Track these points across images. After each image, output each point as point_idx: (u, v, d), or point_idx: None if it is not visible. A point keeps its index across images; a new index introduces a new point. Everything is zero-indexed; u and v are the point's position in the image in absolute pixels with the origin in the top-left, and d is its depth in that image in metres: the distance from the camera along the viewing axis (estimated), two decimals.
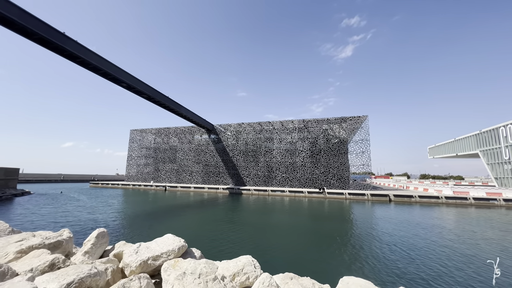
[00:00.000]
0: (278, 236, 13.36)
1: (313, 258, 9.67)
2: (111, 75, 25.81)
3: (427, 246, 11.49)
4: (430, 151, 74.19)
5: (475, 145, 51.10)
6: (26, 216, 16.91)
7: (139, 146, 57.54)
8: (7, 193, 26.91)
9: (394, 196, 32.63)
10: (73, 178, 74.48)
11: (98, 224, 14.84)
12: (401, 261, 9.29)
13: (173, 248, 4.06)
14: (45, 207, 21.31)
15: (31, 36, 18.96)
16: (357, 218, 19.58)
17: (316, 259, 9.47)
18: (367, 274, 8.00)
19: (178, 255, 4.05)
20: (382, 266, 8.73)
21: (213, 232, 13.61)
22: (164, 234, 4.84)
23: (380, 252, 10.32)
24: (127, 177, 57.31)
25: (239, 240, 11.90)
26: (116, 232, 13.03)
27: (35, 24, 18.37)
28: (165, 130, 55.69)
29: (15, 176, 30.81)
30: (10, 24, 17.49)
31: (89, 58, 22.96)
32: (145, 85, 30.61)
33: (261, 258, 4.99)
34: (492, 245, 11.99)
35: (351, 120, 41.38)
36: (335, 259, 9.52)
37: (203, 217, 19.36)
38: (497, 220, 19.30)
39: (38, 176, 64.74)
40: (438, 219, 19.39)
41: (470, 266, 8.91)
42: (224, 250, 10.20)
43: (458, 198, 30.11)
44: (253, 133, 47.77)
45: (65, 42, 20.70)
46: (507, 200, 28.39)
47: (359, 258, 9.60)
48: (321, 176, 41.52)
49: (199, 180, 50.30)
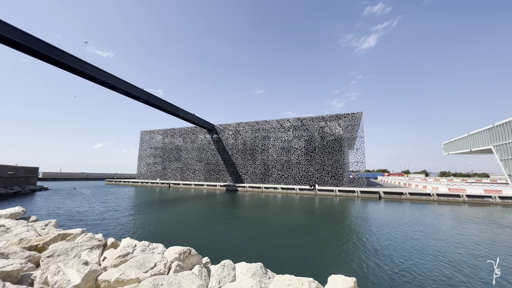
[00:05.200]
0: (257, 229, 14.47)
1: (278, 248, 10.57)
2: (107, 83, 28.70)
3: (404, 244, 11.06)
4: (445, 147, 70.05)
5: (489, 140, 47.76)
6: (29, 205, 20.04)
7: (149, 146, 61.64)
8: (26, 189, 31.17)
9: (384, 193, 32.23)
10: (94, 176, 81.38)
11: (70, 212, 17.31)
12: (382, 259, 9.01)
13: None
14: (49, 200, 24.64)
15: (33, 53, 22.10)
16: (332, 213, 20.28)
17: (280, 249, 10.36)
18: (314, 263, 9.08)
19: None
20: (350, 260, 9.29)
21: (203, 226, 15.34)
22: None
23: (353, 247, 10.64)
24: (138, 175, 61.72)
25: (225, 233, 13.28)
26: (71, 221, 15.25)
27: (35, 43, 21.42)
28: (170, 130, 59.08)
29: (35, 174, 35.36)
30: (15, 45, 20.63)
31: (85, 70, 25.90)
32: (141, 91, 33.34)
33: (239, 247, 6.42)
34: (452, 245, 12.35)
35: (346, 117, 41.12)
36: (298, 249, 10.64)
37: (198, 210, 21.29)
38: (465, 217, 18.89)
39: (63, 175, 71.91)
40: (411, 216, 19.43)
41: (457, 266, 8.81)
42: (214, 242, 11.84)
43: (451, 196, 29.07)
44: (250, 132, 49.17)
45: (62, 56, 23.71)
46: (503, 198, 26.94)
47: (313, 247, 10.70)
48: (315, 173, 41.83)
49: (201, 178, 52.88)
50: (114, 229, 13.03)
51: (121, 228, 13.47)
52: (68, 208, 20.24)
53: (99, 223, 14.56)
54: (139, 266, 3.25)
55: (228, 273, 3.26)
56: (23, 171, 32.69)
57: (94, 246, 4.36)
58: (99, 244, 4.56)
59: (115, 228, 13.27)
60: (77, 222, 14.43)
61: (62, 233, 5.20)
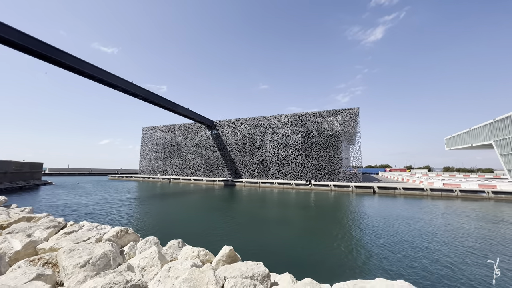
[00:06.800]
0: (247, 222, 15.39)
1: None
2: (105, 81, 29.48)
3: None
4: (447, 142, 69.32)
5: (489, 135, 47.23)
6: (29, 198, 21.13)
7: (150, 142, 62.82)
8: (31, 183, 32.54)
9: (378, 188, 32.51)
10: (99, 171, 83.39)
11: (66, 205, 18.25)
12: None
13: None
14: (51, 193, 25.79)
15: (32, 53, 22.90)
16: (319, 206, 20.84)
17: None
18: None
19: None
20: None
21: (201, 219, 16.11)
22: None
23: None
24: (140, 170, 63.13)
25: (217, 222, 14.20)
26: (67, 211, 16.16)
27: (33, 43, 22.19)
28: (171, 127, 60.02)
29: (39, 170, 36.78)
30: (13, 45, 21.44)
31: (83, 68, 26.66)
32: (139, 88, 34.07)
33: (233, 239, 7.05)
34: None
35: (343, 113, 41.19)
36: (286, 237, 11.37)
37: (191, 203, 22.12)
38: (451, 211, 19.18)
39: (69, 170, 73.98)
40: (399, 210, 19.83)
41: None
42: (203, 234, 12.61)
43: (444, 191, 29.21)
44: (249, 128, 49.68)
45: (61, 56, 24.47)
46: (496, 193, 26.99)
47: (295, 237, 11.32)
48: (312, 168, 42.25)
49: (201, 173, 53.86)
50: (104, 219, 13.83)
51: (110, 218, 14.27)
52: (66, 200, 21.26)
53: (89, 213, 15.44)
54: (74, 239, 3.92)
55: (149, 246, 3.89)
56: (28, 167, 34.07)
57: (50, 226, 5.04)
58: (56, 225, 5.26)
59: (105, 218, 14.07)
60: (70, 213, 15.32)
61: (27, 216, 5.94)
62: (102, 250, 3.31)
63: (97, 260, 3.14)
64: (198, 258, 3.82)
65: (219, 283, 2.50)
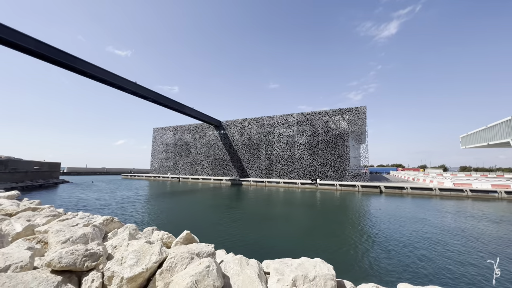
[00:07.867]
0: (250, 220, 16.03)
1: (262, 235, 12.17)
2: (115, 84, 30.94)
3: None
4: (463, 140, 66.36)
5: (507, 133, 44.97)
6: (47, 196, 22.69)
7: (161, 143, 64.77)
8: (49, 182, 34.70)
9: (385, 188, 31.99)
10: (114, 171, 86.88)
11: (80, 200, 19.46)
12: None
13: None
14: (67, 190, 27.47)
15: (47, 59, 24.53)
16: (323, 205, 20.99)
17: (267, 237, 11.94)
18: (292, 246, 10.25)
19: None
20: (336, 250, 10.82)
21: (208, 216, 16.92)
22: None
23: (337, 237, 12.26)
24: (151, 170, 65.24)
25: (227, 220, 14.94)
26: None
27: (48, 50, 23.78)
28: (180, 127, 61.61)
29: (57, 169, 39.11)
30: (30, 52, 23.09)
31: (95, 73, 28.16)
32: (148, 90, 35.42)
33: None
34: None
35: (349, 112, 40.77)
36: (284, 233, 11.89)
37: (199, 201, 22.98)
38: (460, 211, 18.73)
39: (86, 169, 77.65)
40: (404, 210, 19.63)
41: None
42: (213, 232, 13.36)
43: (454, 190, 28.37)
44: (255, 127, 50.15)
45: (74, 61, 26.03)
46: (509, 193, 25.90)
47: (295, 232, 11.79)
48: (318, 168, 42.09)
49: (209, 173, 54.96)
50: (110, 213, 14.74)
51: (116, 212, 15.19)
52: (80, 197, 22.65)
53: (97, 208, 16.49)
54: (65, 225, 4.57)
55: (125, 231, 4.47)
56: (47, 166, 36.36)
57: (50, 215, 5.77)
58: (56, 214, 6.01)
59: (111, 213, 15.00)
60: (80, 208, 16.44)
61: (33, 207, 6.74)
62: (83, 231, 3.90)
63: (77, 238, 3.74)
64: (162, 240, 4.38)
65: (162, 255, 2.99)
